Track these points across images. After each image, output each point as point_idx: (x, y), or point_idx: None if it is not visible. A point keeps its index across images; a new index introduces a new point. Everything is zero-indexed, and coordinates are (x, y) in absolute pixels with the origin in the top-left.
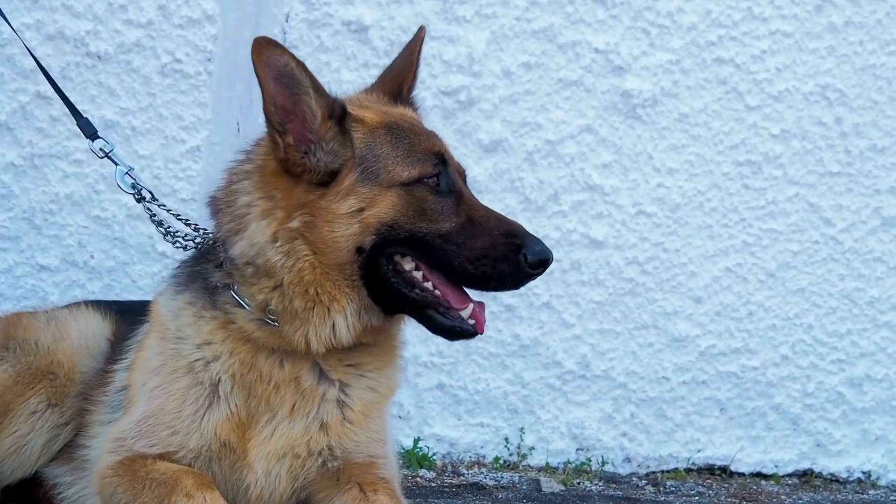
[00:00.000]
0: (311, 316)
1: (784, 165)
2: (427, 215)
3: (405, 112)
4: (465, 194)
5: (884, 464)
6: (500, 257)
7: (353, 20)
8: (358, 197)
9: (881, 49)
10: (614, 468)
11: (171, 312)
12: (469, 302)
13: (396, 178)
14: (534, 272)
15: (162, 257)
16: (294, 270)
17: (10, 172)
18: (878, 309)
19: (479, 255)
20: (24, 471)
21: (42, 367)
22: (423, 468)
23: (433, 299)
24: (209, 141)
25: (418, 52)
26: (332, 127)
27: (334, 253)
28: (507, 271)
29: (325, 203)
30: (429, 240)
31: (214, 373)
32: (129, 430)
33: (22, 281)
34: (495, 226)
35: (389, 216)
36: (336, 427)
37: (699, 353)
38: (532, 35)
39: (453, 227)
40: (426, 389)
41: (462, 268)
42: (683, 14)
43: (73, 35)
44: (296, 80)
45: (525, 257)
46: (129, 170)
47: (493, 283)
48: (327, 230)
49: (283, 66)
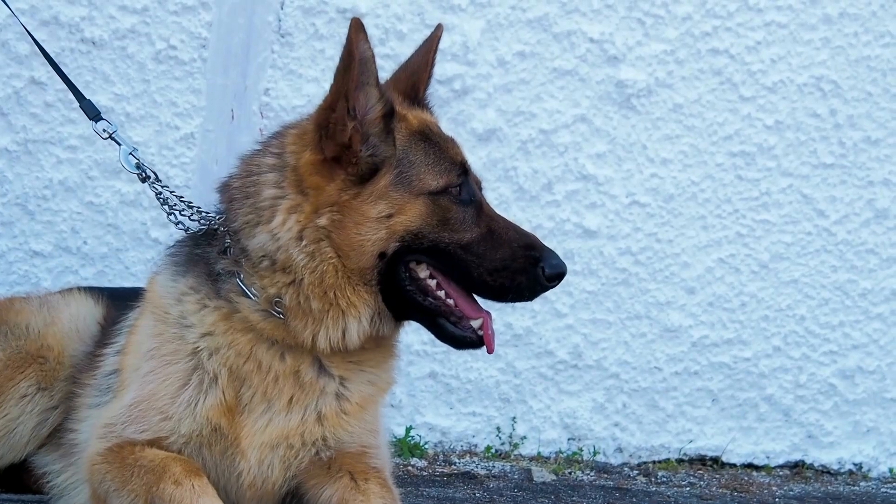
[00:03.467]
0: (326, 318)
1: (778, 157)
2: (450, 225)
3: (428, 117)
4: (484, 205)
5: (875, 455)
6: (520, 269)
7: (348, 8)
8: (389, 202)
9: (876, 41)
10: (606, 458)
11: (171, 296)
12: (482, 313)
13: (426, 187)
14: (549, 285)
15: (155, 244)
16: (317, 272)
17: (4, 158)
18: (870, 301)
19: (499, 266)
20: (14, 455)
21: (32, 351)
22: (415, 457)
23: (445, 308)
24: (203, 128)
25: (434, 51)
26: (380, 123)
27: (359, 257)
28: (524, 283)
29: (357, 203)
30: (450, 250)
31: (212, 362)
32: (120, 416)
33: (15, 267)
34: (514, 238)
35: (416, 225)
36: (332, 419)
37: (691, 344)
38: (527, 24)
39: (474, 237)
40: (418, 378)
41: (481, 279)
42: (678, 4)
43: (67, 21)
44: (369, 70)
45: (543, 270)
46: (133, 150)
47: (510, 294)
48: (355, 232)
49: (367, 54)
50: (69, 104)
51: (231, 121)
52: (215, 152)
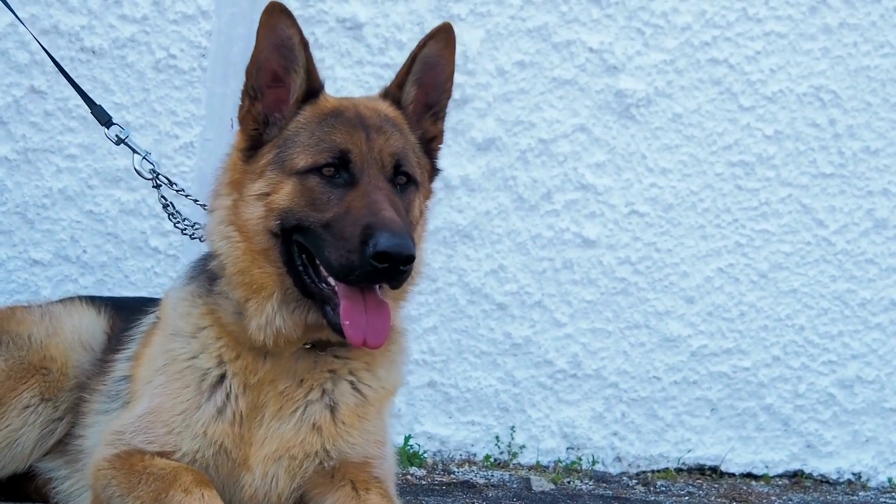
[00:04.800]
0: (251, 306)
1: (777, 166)
2: (315, 204)
3: (376, 105)
4: (361, 186)
5: (874, 465)
6: (352, 248)
7: (347, 17)
8: (266, 180)
9: (875, 51)
10: (605, 467)
11: (172, 306)
12: (344, 298)
13: (294, 166)
14: (378, 265)
15: (154, 252)
16: (231, 258)
17: (4, 167)
18: (869, 311)
19: (340, 245)
20: (17, 465)
21: (35, 362)
22: (414, 466)
23: (329, 293)
24: (202, 137)
25: (415, 54)
26: (295, 105)
27: (254, 236)
28: (356, 262)
29: (245, 181)
30: (312, 228)
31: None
32: (130, 425)
33: (14, 275)
34: (363, 216)
35: (286, 203)
36: (328, 429)
37: (690, 353)
38: (526, 34)
39: (332, 216)
40: (417, 387)
41: (330, 258)
42: (678, 14)
43: (67, 30)
44: (293, 55)
45: (370, 248)
46: (147, 154)
47: (346, 273)
48: (244, 210)
49: (286, 37)
50: (69, 113)
51: (230, 130)
52: (215, 161)
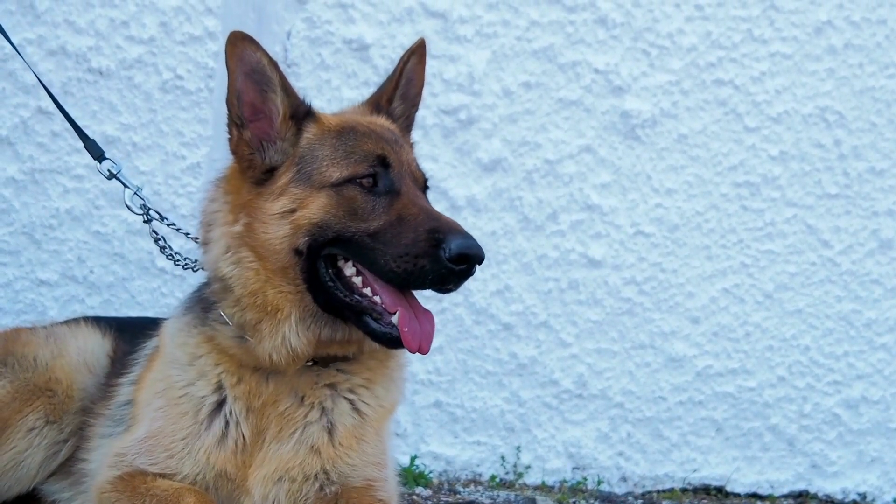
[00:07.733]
0: (264, 327)
1: (782, 187)
2: (357, 214)
3: (376, 120)
4: (404, 194)
5: (879, 485)
6: (422, 253)
7: (354, 38)
8: (290, 197)
9: (880, 72)
10: (610, 487)
11: (169, 336)
12: (398, 307)
13: (327, 180)
14: (455, 268)
15: (161, 273)
16: (242, 280)
17: (11, 187)
18: (874, 331)
19: (402, 251)
20: (22, 487)
21: (40, 384)
22: (420, 486)
23: (368, 304)
24: (209, 157)
25: (401, 69)
26: (292, 127)
27: (274, 256)
28: (428, 267)
29: (260, 202)
30: (357, 238)
31: (207, 402)
32: (132, 447)
33: (21, 295)
34: (422, 222)
35: (318, 217)
36: (326, 450)
37: (696, 374)
38: (532, 55)
39: (381, 225)
40: (423, 407)
41: (388, 266)
42: (683, 35)
43: (74, 51)
44: (266, 78)
45: (445, 251)
46: (138, 190)
47: (417, 280)
48: (262, 231)
49: (255, 62)
50: (75, 134)
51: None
52: None
